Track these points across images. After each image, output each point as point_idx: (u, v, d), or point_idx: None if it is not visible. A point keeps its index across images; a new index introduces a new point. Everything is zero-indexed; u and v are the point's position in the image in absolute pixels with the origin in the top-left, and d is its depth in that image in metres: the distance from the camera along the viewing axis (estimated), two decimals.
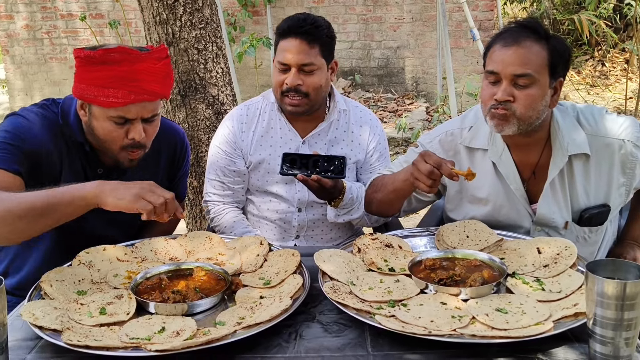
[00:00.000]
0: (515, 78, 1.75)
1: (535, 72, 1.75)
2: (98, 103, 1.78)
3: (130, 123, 1.81)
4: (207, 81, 3.12)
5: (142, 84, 1.76)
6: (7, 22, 8.28)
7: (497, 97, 1.77)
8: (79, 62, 1.80)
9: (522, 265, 1.68)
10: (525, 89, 1.76)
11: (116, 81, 1.74)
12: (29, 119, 1.84)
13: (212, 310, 1.55)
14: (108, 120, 1.80)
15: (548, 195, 1.91)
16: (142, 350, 1.32)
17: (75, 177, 1.89)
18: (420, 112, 7.07)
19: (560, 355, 1.31)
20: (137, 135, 1.81)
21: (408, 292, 1.57)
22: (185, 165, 2.23)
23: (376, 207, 2.08)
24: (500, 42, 1.79)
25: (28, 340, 1.43)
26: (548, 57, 1.77)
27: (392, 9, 7.52)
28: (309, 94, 2.13)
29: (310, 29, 2.11)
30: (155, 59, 1.80)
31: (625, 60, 7.94)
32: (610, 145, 1.88)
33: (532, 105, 1.77)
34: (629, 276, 1.30)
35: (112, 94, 1.75)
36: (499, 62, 1.77)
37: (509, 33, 1.80)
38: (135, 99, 1.76)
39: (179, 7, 3.01)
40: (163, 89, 1.84)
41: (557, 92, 1.83)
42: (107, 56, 1.75)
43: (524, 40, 1.76)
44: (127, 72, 1.75)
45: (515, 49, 1.76)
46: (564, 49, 1.81)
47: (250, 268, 1.75)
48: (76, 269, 1.71)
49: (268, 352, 1.37)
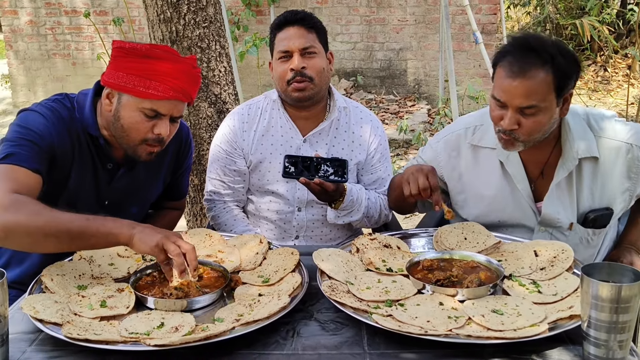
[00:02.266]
0: (522, 108, 1.76)
1: (540, 101, 1.74)
2: (135, 93, 1.80)
3: (158, 118, 1.83)
4: (209, 80, 3.14)
5: (180, 83, 1.81)
6: (11, 18, 8.30)
7: (504, 126, 1.78)
8: (121, 52, 1.83)
9: (519, 268, 1.69)
10: (532, 116, 1.76)
11: (160, 75, 1.79)
12: (44, 115, 1.85)
13: (211, 307, 1.56)
14: (138, 111, 1.82)
15: (553, 196, 1.93)
16: (141, 345, 1.34)
17: (84, 172, 1.91)
18: (422, 114, 7.07)
19: (554, 356, 1.32)
20: (163, 131, 1.84)
21: (405, 292, 1.58)
22: (188, 159, 2.25)
23: (393, 205, 2.24)
24: (506, 69, 1.76)
25: (29, 334, 1.45)
26: (554, 81, 1.74)
27: (395, 11, 7.53)
28: (313, 78, 2.15)
29: (304, 16, 2.19)
30: (191, 65, 1.86)
31: (627, 65, 7.95)
32: (618, 149, 1.90)
33: (537, 130, 1.79)
34: (624, 279, 1.31)
35: (153, 86, 1.78)
36: (505, 92, 1.76)
37: (513, 58, 1.76)
38: (173, 96, 1.81)
39: (183, 6, 3.03)
40: (193, 93, 1.90)
41: (568, 102, 1.83)
42: (152, 51, 1.81)
43: (529, 71, 1.72)
44: (170, 69, 1.80)
45: (521, 80, 1.73)
46: (571, 66, 1.77)
47: (250, 266, 1.77)
48: (77, 263, 1.73)
49: (266, 349, 1.39)
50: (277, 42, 2.19)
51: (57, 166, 1.84)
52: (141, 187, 2.06)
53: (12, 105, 8.64)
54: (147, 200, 2.17)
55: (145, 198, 2.14)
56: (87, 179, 1.93)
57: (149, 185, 2.11)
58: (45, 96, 8.07)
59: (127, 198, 2.03)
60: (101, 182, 1.96)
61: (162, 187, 2.19)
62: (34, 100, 8.45)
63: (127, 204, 2.04)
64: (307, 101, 2.19)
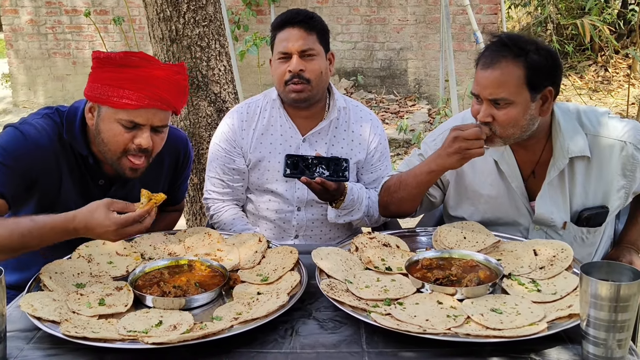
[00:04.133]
0: (493, 100, 1.79)
1: (510, 94, 1.77)
2: (110, 103, 1.76)
3: (138, 128, 1.79)
4: (209, 79, 3.13)
5: (157, 91, 1.76)
6: (11, 17, 8.30)
7: (479, 118, 1.82)
8: (98, 63, 1.79)
9: (518, 267, 1.69)
10: (504, 109, 1.79)
11: (133, 83, 1.74)
12: (27, 135, 1.81)
13: (210, 305, 1.56)
14: (116, 123, 1.78)
15: (546, 195, 1.93)
16: (139, 343, 1.33)
17: (75, 189, 1.88)
18: (422, 114, 7.07)
19: (553, 355, 1.32)
20: (144, 142, 1.78)
21: (404, 291, 1.58)
22: (187, 170, 2.24)
23: (396, 207, 2.11)
24: (481, 62, 1.82)
25: (27, 331, 1.44)
26: (525, 75, 1.76)
27: (395, 11, 7.53)
28: (311, 81, 2.14)
29: (305, 18, 2.17)
30: (174, 72, 1.81)
31: (628, 66, 7.94)
32: (612, 146, 1.89)
33: (511, 124, 1.80)
34: (623, 278, 1.31)
35: (126, 95, 1.73)
36: (478, 84, 1.81)
37: (488, 52, 1.82)
38: (149, 104, 1.75)
39: (183, 5, 3.02)
40: (176, 102, 1.84)
41: (548, 100, 1.83)
42: (128, 59, 1.75)
43: (499, 62, 1.77)
44: (144, 76, 1.75)
45: (491, 72, 1.78)
46: (545, 62, 1.79)
47: (248, 264, 1.77)
48: (75, 261, 1.73)
49: (264, 348, 1.38)
50: (277, 42, 2.18)
51: (40, 186, 1.81)
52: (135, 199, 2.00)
53: (13, 104, 8.64)
54: None
55: None
56: (79, 196, 1.89)
57: None
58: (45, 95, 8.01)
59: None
60: (94, 199, 1.91)
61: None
62: (34, 99, 8.46)
63: None
64: (303, 103, 2.19)
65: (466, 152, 1.82)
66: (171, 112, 1.87)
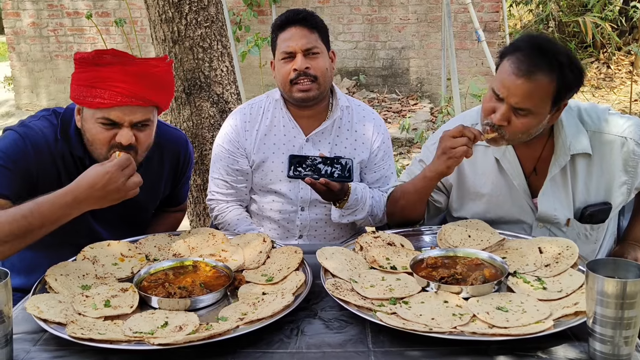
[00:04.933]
0: (516, 108, 1.76)
1: (535, 106, 1.74)
2: (87, 104, 1.75)
3: (118, 127, 1.76)
4: (211, 79, 3.14)
5: (131, 87, 1.72)
6: (13, 20, 8.32)
7: (494, 119, 1.78)
8: (76, 64, 1.78)
9: (523, 265, 1.69)
10: (523, 117, 1.77)
11: (103, 81, 1.71)
12: (24, 137, 1.81)
13: (215, 306, 1.56)
14: (95, 123, 1.76)
15: (548, 192, 1.93)
16: (145, 344, 1.33)
17: None
18: (424, 113, 7.07)
19: (560, 353, 1.32)
20: (124, 140, 1.75)
21: (409, 290, 1.58)
22: (188, 171, 2.23)
23: (400, 214, 2.12)
24: (514, 64, 1.73)
25: (33, 333, 1.44)
26: (554, 91, 1.73)
27: (397, 10, 7.52)
28: (318, 78, 2.15)
29: (306, 16, 2.18)
30: (151, 65, 1.77)
31: (630, 62, 7.93)
32: (613, 142, 1.89)
33: (524, 131, 1.79)
34: (629, 275, 1.31)
35: (99, 95, 1.71)
36: (506, 87, 1.75)
37: (524, 55, 1.73)
38: (123, 101, 1.72)
39: (185, 6, 3.03)
40: (158, 97, 1.80)
41: (560, 110, 1.83)
42: (100, 58, 1.73)
43: (534, 74, 1.71)
44: (116, 73, 1.71)
45: (524, 81, 1.71)
46: (575, 80, 1.76)
47: (253, 264, 1.77)
48: (80, 263, 1.73)
49: (270, 348, 1.38)
50: (280, 43, 2.18)
51: (39, 187, 1.81)
52: (135, 202, 1.93)
53: (15, 107, 8.65)
54: (143, 212, 2.13)
55: (141, 211, 2.10)
56: None
57: (146, 200, 2.06)
58: (47, 98, 8.02)
59: (123, 211, 1.94)
60: None
61: (159, 199, 2.16)
62: (36, 102, 8.47)
63: (123, 218, 2.01)
64: (310, 101, 2.19)
65: (451, 151, 1.79)
66: (153, 107, 1.83)
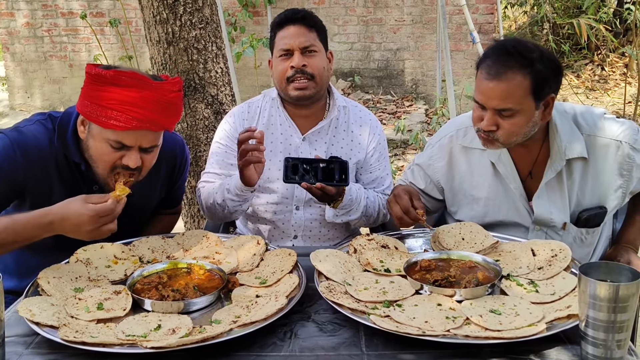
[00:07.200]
0: (499, 110, 1.78)
1: (516, 104, 1.76)
2: (99, 122, 1.73)
3: (126, 149, 1.76)
4: (206, 81, 3.13)
5: (147, 113, 1.71)
6: (7, 20, 8.29)
7: (482, 126, 1.82)
8: (89, 78, 1.75)
9: (516, 268, 1.69)
10: (509, 118, 1.78)
11: (121, 104, 1.69)
12: (13, 141, 1.80)
13: (208, 309, 1.56)
14: (104, 142, 1.75)
15: (544, 195, 1.93)
16: (138, 347, 1.33)
17: (67, 195, 1.87)
18: (420, 114, 7.08)
19: (552, 356, 1.32)
20: (132, 163, 1.75)
21: (403, 292, 1.58)
22: (184, 174, 2.23)
23: None
24: (485, 70, 1.79)
25: (25, 337, 1.44)
26: (531, 85, 1.75)
27: (392, 11, 7.53)
28: (315, 76, 2.15)
29: (305, 15, 2.19)
30: (167, 90, 1.75)
31: (624, 64, 7.96)
32: (608, 146, 1.90)
33: (515, 132, 1.81)
34: (622, 279, 1.31)
35: (114, 117, 1.69)
36: (482, 94, 1.80)
37: (492, 61, 1.78)
38: (138, 126, 1.71)
39: (179, 7, 3.02)
40: (168, 122, 1.79)
41: (550, 106, 1.84)
42: (118, 78, 1.70)
43: (505, 73, 1.75)
44: (134, 97, 1.69)
45: (497, 83, 1.75)
46: (550, 71, 1.78)
47: (247, 267, 1.76)
48: (73, 266, 1.73)
49: (263, 351, 1.38)
50: (278, 40, 2.18)
51: (30, 193, 1.81)
52: (132, 205, 1.92)
53: (9, 107, 8.62)
54: (139, 215, 2.12)
55: (137, 214, 2.08)
56: None
57: (142, 203, 2.06)
58: (41, 98, 8.00)
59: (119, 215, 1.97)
60: None
61: (155, 202, 2.16)
62: (30, 102, 8.44)
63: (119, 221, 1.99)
64: (307, 100, 2.19)
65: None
66: (162, 131, 1.83)
